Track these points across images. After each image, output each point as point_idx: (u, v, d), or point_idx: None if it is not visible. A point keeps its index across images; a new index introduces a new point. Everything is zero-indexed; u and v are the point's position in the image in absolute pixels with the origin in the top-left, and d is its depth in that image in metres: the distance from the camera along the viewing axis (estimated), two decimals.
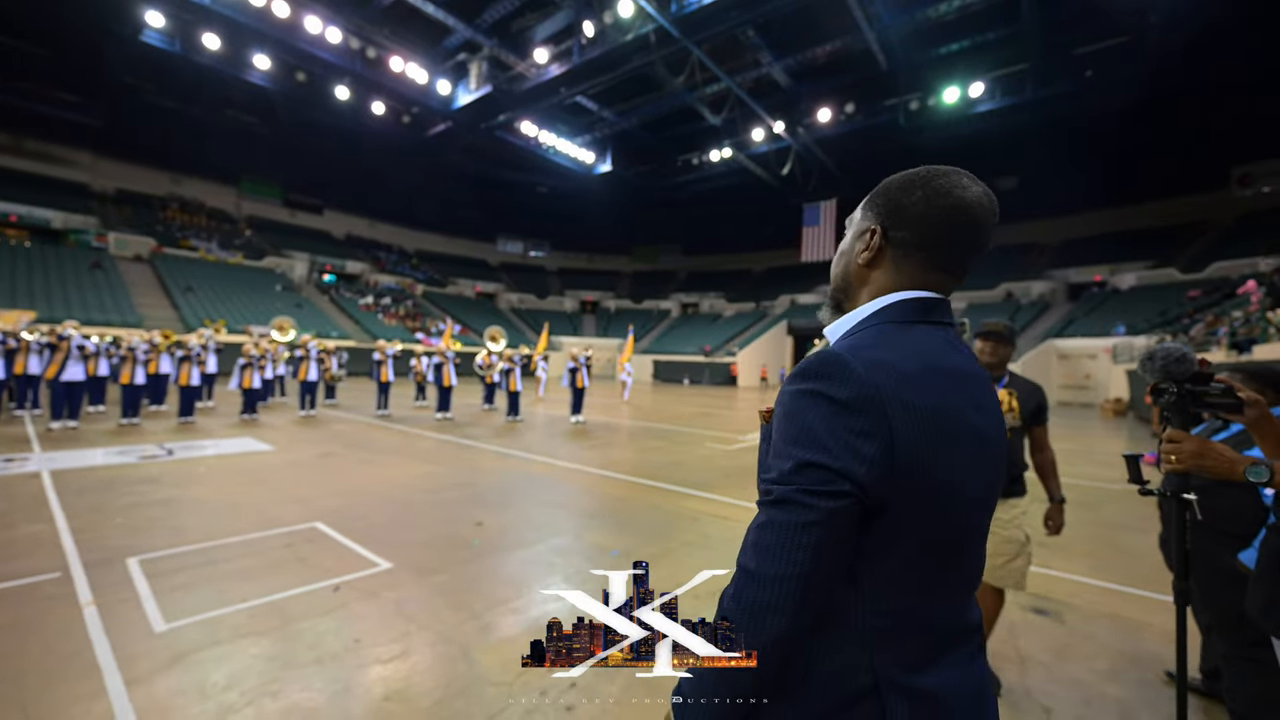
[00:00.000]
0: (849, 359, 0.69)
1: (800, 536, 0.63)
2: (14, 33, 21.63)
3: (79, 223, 24.74)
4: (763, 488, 0.70)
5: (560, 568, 3.53)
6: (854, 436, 0.65)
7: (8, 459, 5.98)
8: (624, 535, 4.24)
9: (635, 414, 13.28)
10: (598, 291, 42.91)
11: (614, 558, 3.74)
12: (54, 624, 2.65)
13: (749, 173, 28.72)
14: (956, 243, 0.77)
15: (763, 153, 27.15)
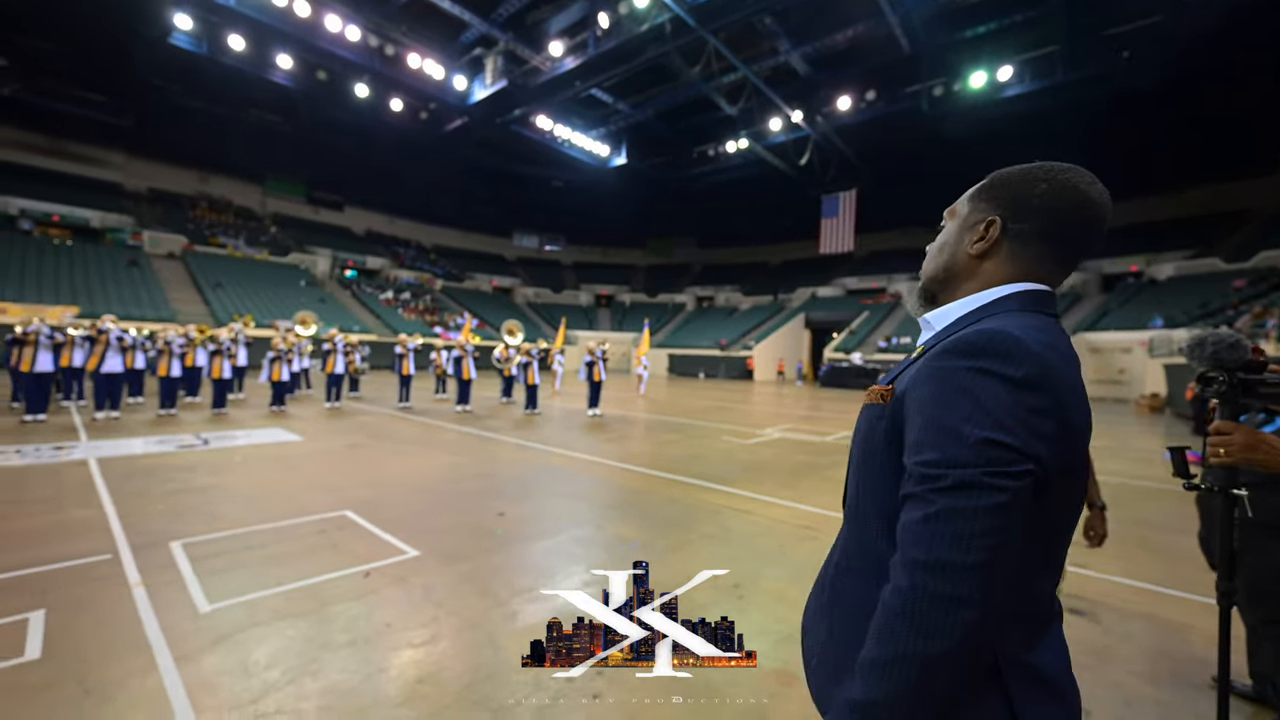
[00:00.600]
0: (1022, 336, 0.67)
1: (989, 521, 0.60)
2: (48, 36, 22.32)
3: (115, 221, 25.59)
4: (926, 471, 0.65)
5: (582, 558, 3.60)
6: (1033, 415, 0.63)
7: (57, 447, 6.26)
8: (643, 527, 4.29)
9: (651, 407, 13.33)
10: (613, 285, 42.96)
11: (633, 549, 3.80)
12: (106, 603, 2.80)
13: (766, 164, 28.38)
14: (1076, 238, 0.79)
15: (780, 143, 26.81)
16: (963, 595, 0.59)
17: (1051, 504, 0.66)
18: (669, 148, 31.68)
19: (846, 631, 0.77)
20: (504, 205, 40.78)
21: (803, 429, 10.10)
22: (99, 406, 8.44)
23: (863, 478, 0.82)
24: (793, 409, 14.14)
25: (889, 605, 0.63)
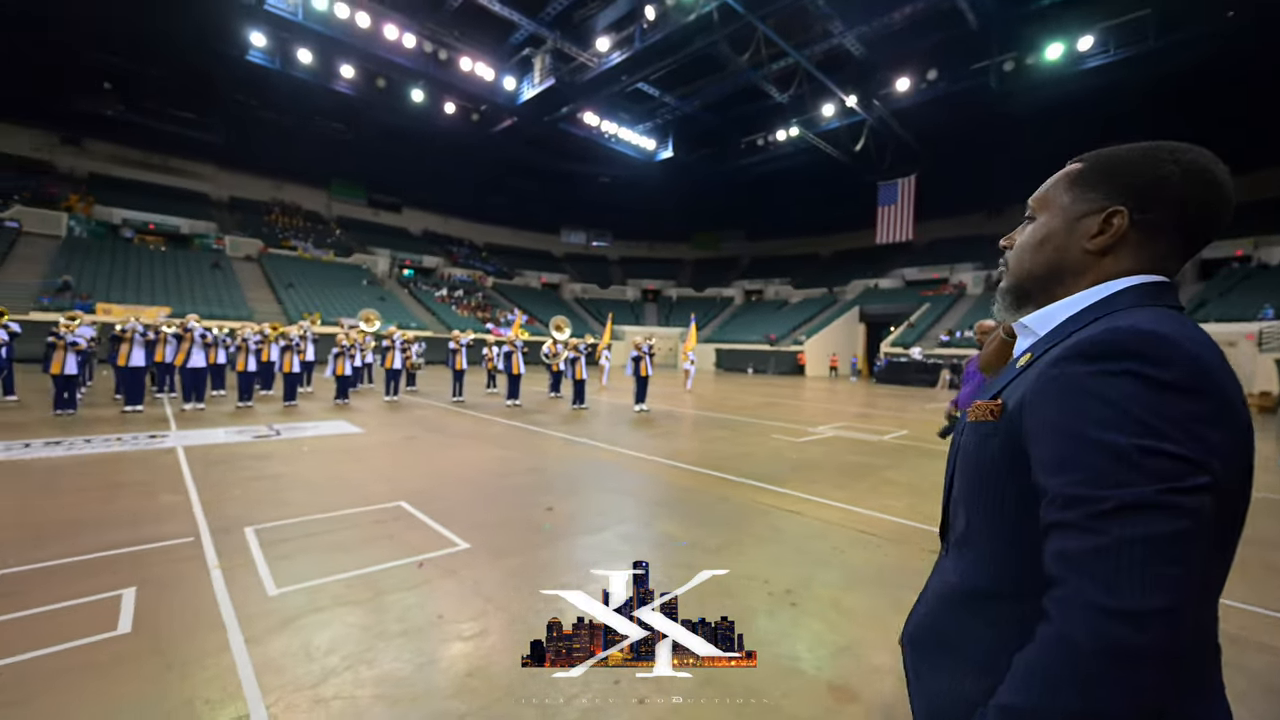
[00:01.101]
0: (1169, 333, 0.59)
1: (1174, 551, 0.51)
2: (145, 61, 24.41)
3: (202, 228, 27.78)
4: (1077, 493, 0.56)
5: (629, 555, 3.56)
6: (1198, 423, 0.55)
7: (151, 435, 6.84)
8: (692, 525, 4.22)
9: (699, 403, 13.19)
10: (659, 280, 42.86)
11: (682, 548, 3.73)
12: (188, 583, 3.00)
13: (818, 151, 27.44)
14: (1204, 227, 0.70)
15: (833, 129, 25.84)
16: (1149, 647, 0.50)
17: (1225, 528, 0.58)
18: (716, 139, 31.19)
19: (959, 670, 0.70)
20: (552, 202, 41.44)
21: (858, 427, 9.71)
22: (186, 399, 9.18)
23: (975, 504, 0.73)
24: (847, 406, 13.64)
25: (1050, 651, 0.54)
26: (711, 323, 36.18)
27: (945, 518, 0.84)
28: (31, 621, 2.57)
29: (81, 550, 3.36)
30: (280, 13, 19.61)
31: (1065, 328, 0.70)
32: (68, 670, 2.23)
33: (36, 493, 4.50)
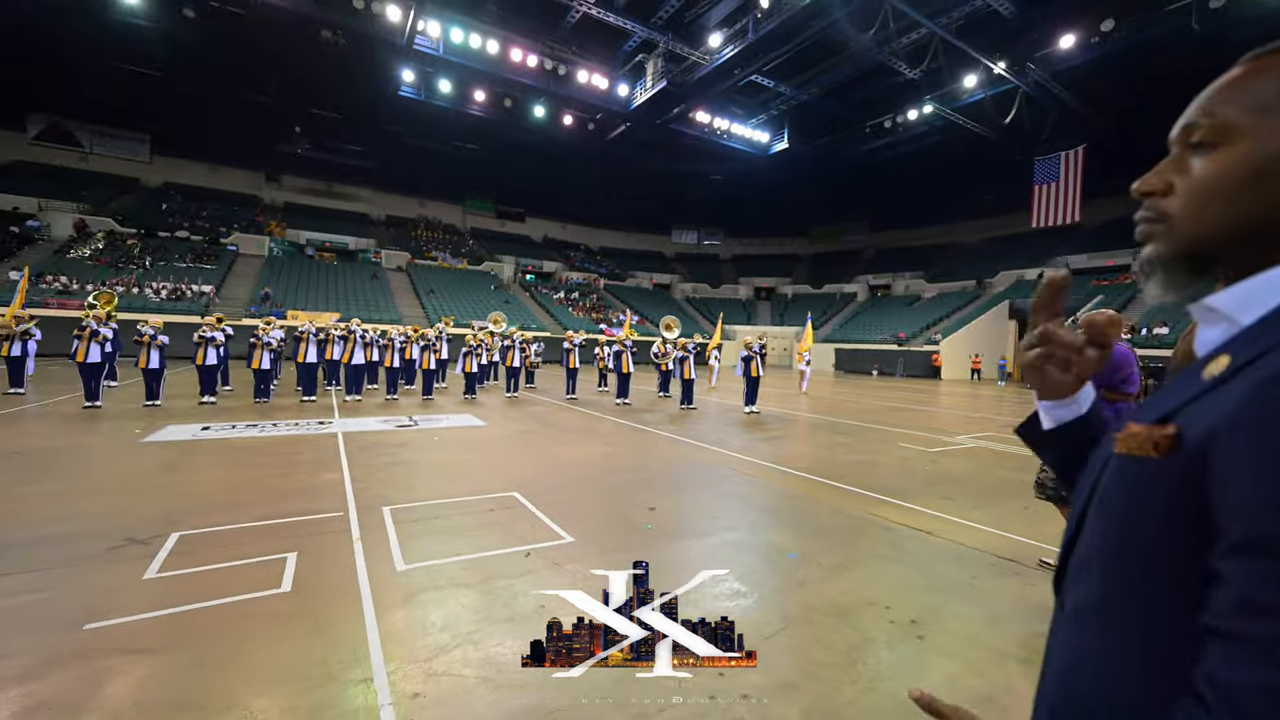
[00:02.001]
0: None
1: None
2: (324, 106, 28.86)
3: (364, 244, 32.21)
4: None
5: (734, 564, 3.39)
6: None
7: (320, 422, 7.99)
8: (804, 537, 3.92)
9: (815, 406, 12.46)
10: (773, 277, 41.40)
11: (793, 561, 3.47)
12: (336, 553, 3.39)
13: (957, 129, 24.65)
14: None
15: (976, 102, 23.02)
16: None
17: None
18: (836, 126, 29.36)
19: None
20: (663, 203, 41.94)
21: (1007, 438, 8.49)
22: (348, 391, 10.62)
23: (1118, 569, 0.50)
24: (993, 414, 12.04)
25: None
26: (830, 321, 34.17)
27: (1063, 566, 0.60)
28: (225, 572, 3.06)
29: (264, 516, 3.96)
30: (426, 50, 22.02)
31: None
32: (244, 616, 2.61)
33: (237, 466, 5.43)
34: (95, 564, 3.10)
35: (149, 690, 2.04)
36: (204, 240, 27.24)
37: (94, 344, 8.52)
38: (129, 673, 2.14)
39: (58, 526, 3.66)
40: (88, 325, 8.59)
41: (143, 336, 8.90)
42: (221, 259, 26.08)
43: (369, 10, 19.88)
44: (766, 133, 29.98)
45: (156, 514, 3.93)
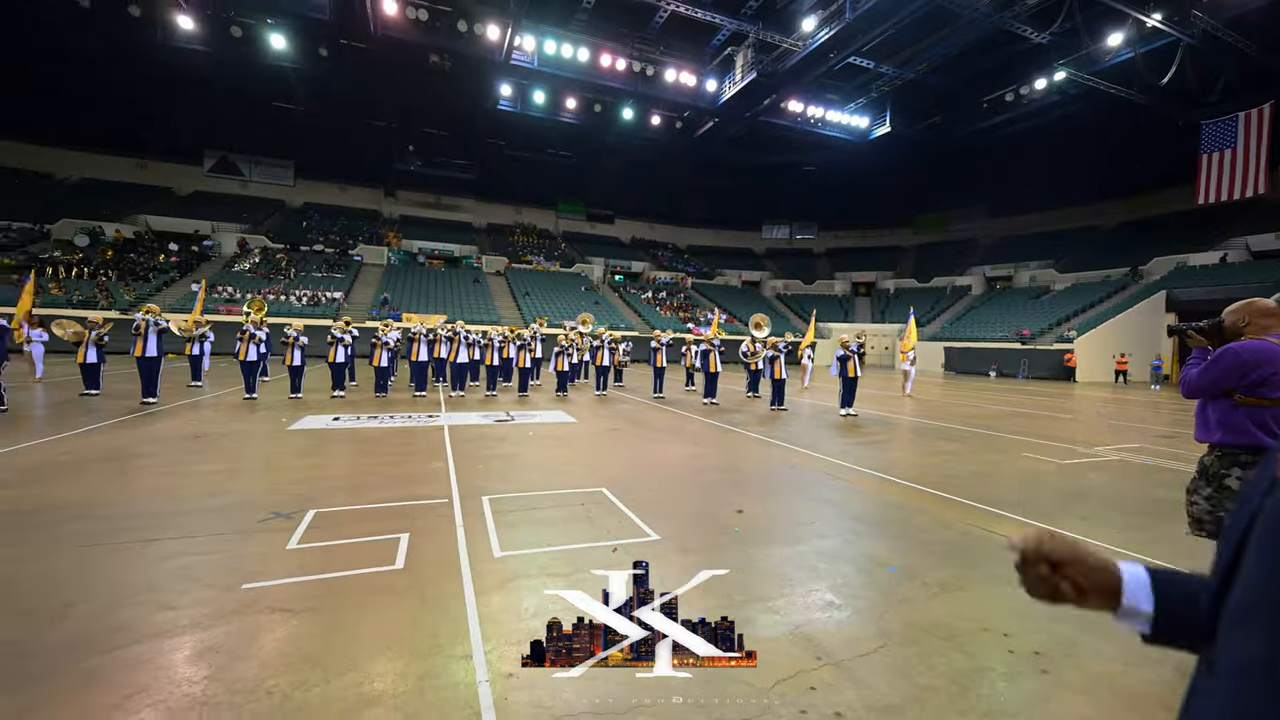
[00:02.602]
0: None
1: None
2: (433, 124, 31.46)
3: (467, 251, 34.68)
4: None
5: (825, 574, 3.22)
6: None
7: (429, 416, 8.71)
8: (905, 551, 3.63)
9: (919, 410, 11.54)
10: (873, 271, 38.94)
11: (893, 575, 3.23)
12: (442, 536, 3.66)
13: (1096, 96, 21.66)
14: None
15: (1122, 62, 20.06)
16: None
17: None
18: (946, 104, 27.03)
19: None
20: (753, 199, 41.01)
21: (1163, 451, 7.33)
22: (454, 387, 11.47)
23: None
24: (1145, 422, 10.46)
25: None
26: (939, 317, 31.51)
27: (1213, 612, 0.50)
28: (350, 547, 3.42)
29: (382, 499, 4.39)
30: (521, 64, 23.25)
31: None
32: (365, 588, 2.90)
33: (361, 454, 6.06)
34: (251, 533, 3.60)
35: (290, 645, 2.32)
36: (335, 252, 30.77)
37: (251, 345, 9.92)
38: (275, 629, 2.45)
39: (223, 499, 4.30)
40: (246, 329, 10.02)
41: (289, 338, 10.23)
42: (349, 268, 29.32)
43: (471, 32, 21.34)
44: (865, 117, 28.26)
45: (297, 493, 4.49)
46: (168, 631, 2.39)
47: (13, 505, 4.01)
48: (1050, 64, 20.83)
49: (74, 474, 4.88)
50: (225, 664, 2.15)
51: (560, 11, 22.53)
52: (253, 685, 2.02)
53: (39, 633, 2.38)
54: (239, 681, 2.04)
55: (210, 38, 21.72)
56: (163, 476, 4.90)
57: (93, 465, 5.19)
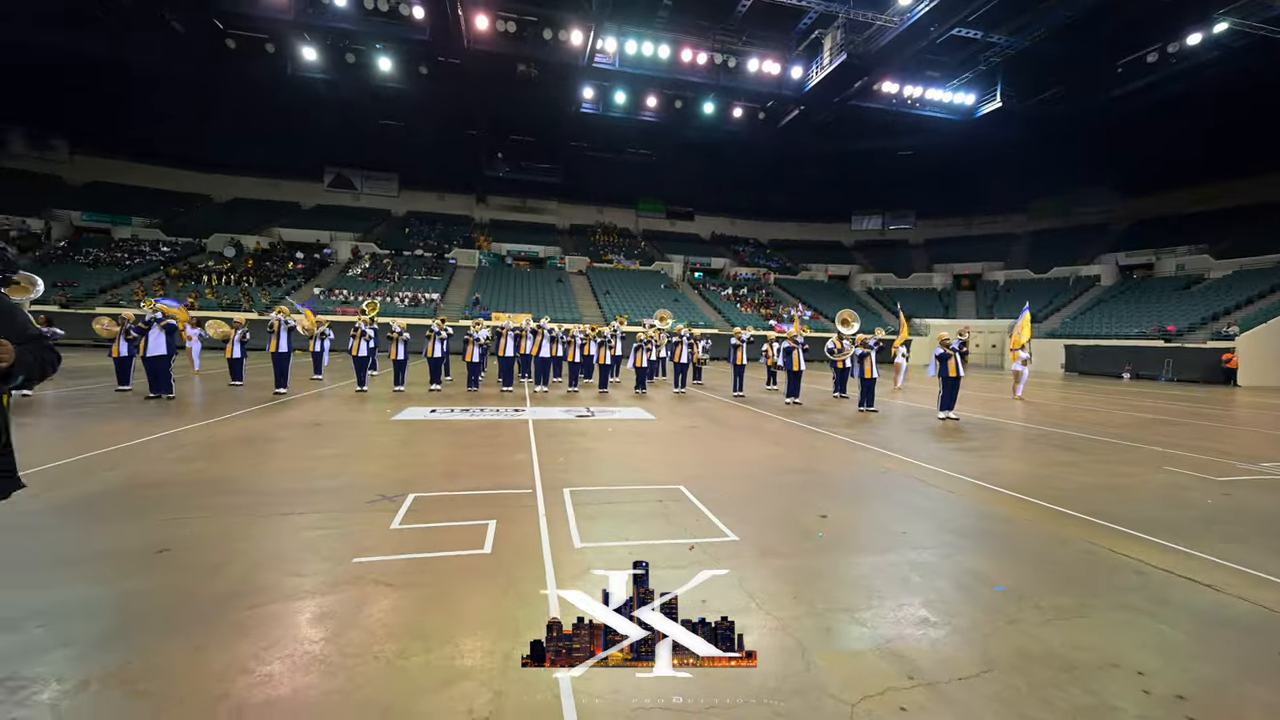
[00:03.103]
0: None
1: None
2: (520, 131, 32.95)
3: (551, 252, 36.03)
4: None
5: (919, 588, 3.00)
6: None
7: (515, 409, 9.15)
8: (1014, 569, 3.30)
9: (1033, 415, 10.44)
10: (978, 262, 35.71)
11: (997, 594, 2.94)
12: (526, 525, 3.83)
13: (1270, 46, 18.28)
14: None
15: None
16: None
17: None
18: (1070, 72, 24.11)
19: None
20: (841, 189, 39.03)
21: None
22: (538, 382, 11.97)
23: None
24: None
25: None
26: (1059, 312, 28.33)
27: None
28: (444, 530, 3.67)
29: (473, 486, 4.67)
30: (603, 66, 23.72)
31: None
32: (457, 569, 3.10)
33: (454, 444, 6.49)
34: (360, 512, 3.97)
35: (393, 616, 2.54)
36: (433, 256, 33.18)
37: (362, 341, 10.94)
38: (380, 600, 2.69)
39: (339, 481, 4.78)
40: (359, 327, 11.07)
41: (394, 335, 11.18)
42: (445, 271, 31.50)
43: (556, 39, 22.07)
44: (971, 94, 25.94)
45: (400, 478, 4.89)
46: (294, 595, 2.70)
47: (179, 478, 4.72)
48: (1208, 15, 17.89)
49: (223, 453, 5.65)
50: (339, 629, 2.39)
51: (642, 11, 22.70)
52: (361, 650, 2.22)
53: (200, 586, 2.78)
54: (350, 645, 2.26)
55: (329, 66, 24.20)
56: (291, 459, 5.54)
57: (237, 446, 5.98)
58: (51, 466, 4.89)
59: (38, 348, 1.81)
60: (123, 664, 2.08)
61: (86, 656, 2.12)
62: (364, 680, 2.04)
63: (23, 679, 1.96)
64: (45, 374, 1.87)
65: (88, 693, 1.91)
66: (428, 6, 21.07)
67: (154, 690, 1.94)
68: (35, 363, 1.79)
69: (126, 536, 3.40)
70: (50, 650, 2.15)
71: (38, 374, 1.84)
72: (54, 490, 4.22)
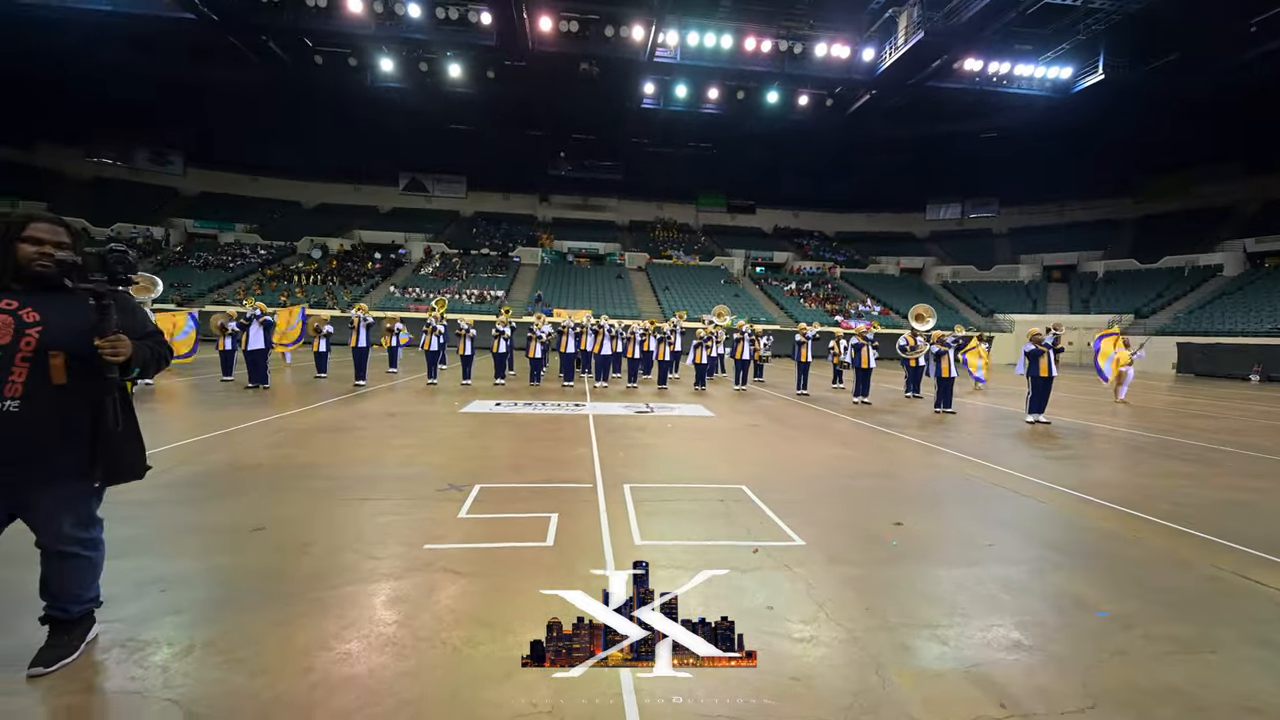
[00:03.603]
0: None
1: None
2: (581, 130, 33.42)
3: (610, 249, 36.41)
4: None
5: (1009, 607, 2.74)
6: None
7: (576, 405, 9.29)
8: (1120, 593, 2.95)
9: (1139, 420, 9.43)
10: (1072, 251, 32.71)
11: (1102, 620, 2.64)
12: (587, 519, 3.84)
13: None
14: None
15: None
16: None
17: None
18: (1189, 37, 21.45)
19: None
20: (914, 177, 36.85)
21: None
22: (598, 378, 12.10)
23: None
24: None
25: None
26: (1170, 306, 25.47)
27: None
28: (508, 522, 3.75)
29: (536, 479, 4.76)
30: (664, 60, 23.60)
31: None
32: (520, 560, 3.15)
33: (517, 437, 6.66)
34: (431, 501, 4.14)
35: (460, 603, 2.61)
36: (498, 255, 34.36)
37: (433, 337, 11.48)
38: (449, 587, 2.77)
39: (412, 469, 5.01)
40: (430, 323, 11.61)
41: (461, 331, 11.66)
42: (509, 269, 32.55)
43: (618, 35, 22.16)
44: (1068, 67, 23.71)
45: (467, 469, 5.07)
46: (371, 577, 2.84)
47: (273, 461, 5.12)
48: None
49: (310, 440, 6.08)
50: (410, 613, 2.48)
51: (704, 1, 22.37)
52: (430, 635, 2.29)
53: (289, 564, 2.98)
54: (421, 629, 2.34)
55: (404, 75, 25.54)
56: (370, 447, 5.88)
57: (322, 434, 6.42)
58: (171, 447, 5.45)
59: (153, 343, 2.01)
60: (221, 633, 2.25)
61: (193, 624, 2.32)
62: (433, 664, 2.10)
63: (140, 641, 2.16)
64: (159, 367, 2.07)
65: (191, 657, 2.08)
66: (494, 12, 21.76)
67: (246, 659, 2.08)
68: (151, 357, 1.98)
69: (230, 514, 3.71)
70: (164, 616, 2.37)
71: (152, 367, 2.02)
72: (174, 469, 4.70)
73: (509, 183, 39.19)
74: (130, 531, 3.35)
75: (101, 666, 2.00)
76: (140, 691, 1.87)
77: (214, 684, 1.93)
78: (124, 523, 3.48)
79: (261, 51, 24.54)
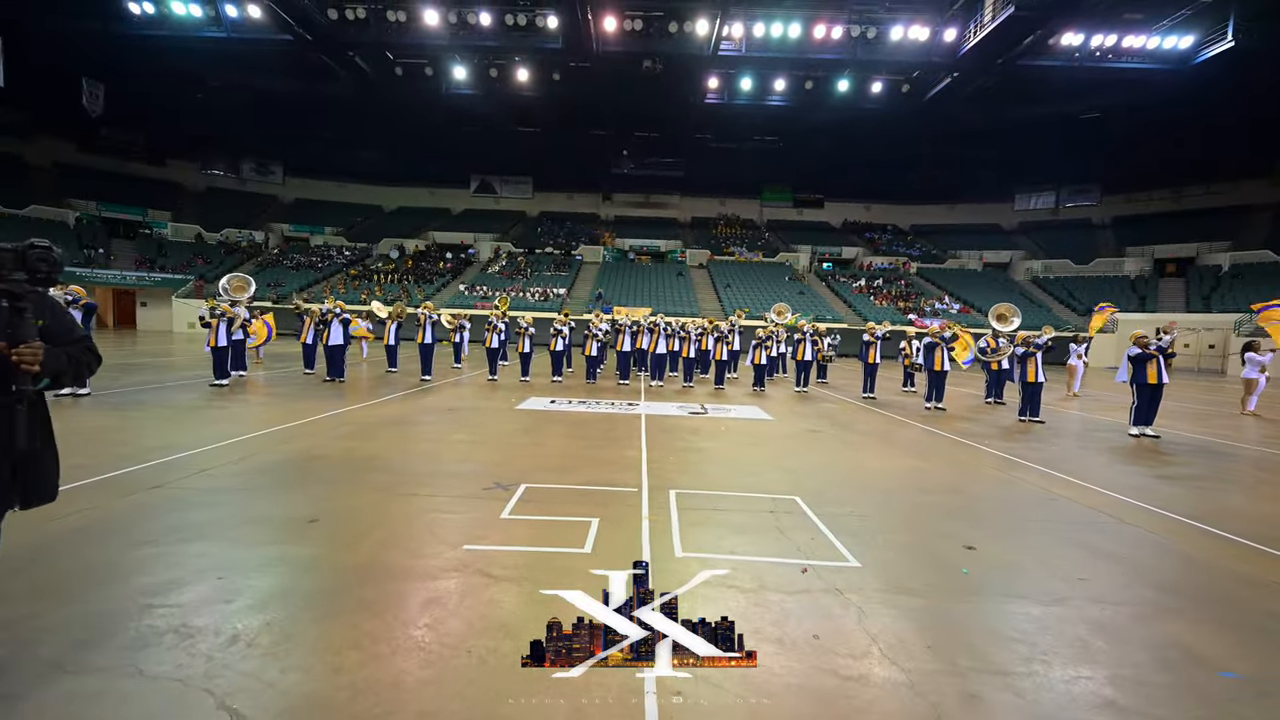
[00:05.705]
0: None
1: None
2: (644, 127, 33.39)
3: (671, 246, 36.19)
4: None
5: (1101, 657, 2.36)
6: None
7: (630, 404, 9.23)
8: (1246, 648, 2.47)
9: (1273, 436, 8.14)
10: (1192, 242, 29.11)
11: (1228, 681, 2.21)
12: (628, 526, 3.73)
13: None
14: None
15: None
16: None
17: None
18: None
19: None
20: (1000, 165, 33.99)
21: None
22: (653, 377, 11.99)
23: None
24: None
25: None
26: None
27: None
28: (549, 524, 3.71)
29: (581, 481, 4.71)
30: (729, 53, 23.08)
31: None
32: (557, 567, 3.08)
33: (569, 436, 6.67)
34: (478, 499, 4.18)
35: (490, 609, 2.56)
36: (561, 253, 35.03)
37: (494, 334, 11.80)
38: (482, 591, 2.74)
39: (466, 466, 5.11)
40: (491, 320, 11.95)
41: (521, 329, 11.91)
42: (571, 267, 33.10)
43: (681, 31, 21.90)
44: (1189, 35, 21.05)
45: (516, 467, 5.10)
46: (410, 576, 2.87)
47: (338, 453, 5.39)
48: None
49: (375, 433, 6.37)
50: (441, 617, 2.46)
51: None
52: (456, 642, 2.26)
53: (337, 558, 3.08)
54: (448, 636, 2.31)
55: (475, 81, 26.53)
56: (428, 442, 6.08)
57: (386, 428, 6.71)
58: (251, 436, 5.87)
59: (78, 350, 1.85)
60: (264, 625, 2.33)
61: (240, 614, 2.42)
62: (455, 674, 2.06)
63: (192, 628, 2.27)
64: (81, 375, 1.91)
65: (234, 648, 2.15)
66: (560, 15, 22.12)
67: (281, 653, 2.13)
68: (69, 365, 1.81)
69: (291, 505, 3.91)
70: (216, 604, 2.49)
71: (70, 376, 1.85)
72: (249, 458, 5.04)
73: (573, 182, 39.87)
74: (204, 516, 3.59)
75: (154, 654, 2.11)
76: (182, 680, 1.94)
77: (248, 677, 1.98)
78: (200, 508, 3.75)
79: (348, 66, 26.31)
